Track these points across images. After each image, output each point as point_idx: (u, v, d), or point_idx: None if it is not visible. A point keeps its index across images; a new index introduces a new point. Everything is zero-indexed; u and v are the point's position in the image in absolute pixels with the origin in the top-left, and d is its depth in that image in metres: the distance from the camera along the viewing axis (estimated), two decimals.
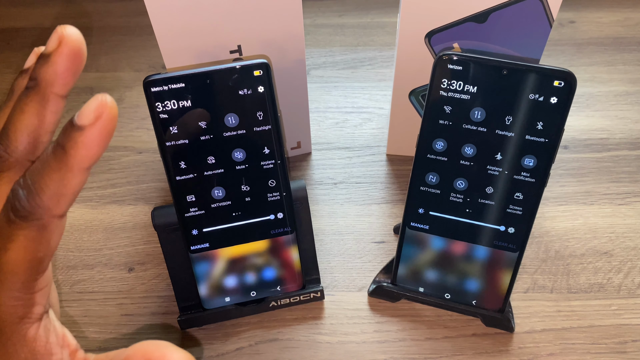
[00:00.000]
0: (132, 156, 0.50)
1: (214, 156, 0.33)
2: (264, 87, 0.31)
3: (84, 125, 0.18)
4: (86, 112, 0.18)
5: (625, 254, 0.41)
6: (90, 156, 0.18)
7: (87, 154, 0.18)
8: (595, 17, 0.64)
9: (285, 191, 0.35)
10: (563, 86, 0.30)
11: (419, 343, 0.37)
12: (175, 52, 0.38)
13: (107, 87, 0.58)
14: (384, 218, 0.45)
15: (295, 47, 0.41)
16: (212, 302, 0.37)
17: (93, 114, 0.18)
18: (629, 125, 0.52)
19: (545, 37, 0.38)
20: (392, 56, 0.60)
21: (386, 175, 0.48)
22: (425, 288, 0.38)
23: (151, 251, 0.43)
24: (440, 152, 0.34)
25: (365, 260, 0.42)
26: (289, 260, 0.37)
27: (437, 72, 0.32)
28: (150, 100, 0.31)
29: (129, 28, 0.65)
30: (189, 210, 0.34)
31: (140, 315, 0.39)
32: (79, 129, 0.18)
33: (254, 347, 0.37)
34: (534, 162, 0.32)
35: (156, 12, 0.36)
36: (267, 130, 0.33)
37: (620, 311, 0.38)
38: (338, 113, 0.54)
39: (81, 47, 0.18)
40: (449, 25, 0.38)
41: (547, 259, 0.41)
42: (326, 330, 0.38)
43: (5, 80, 0.59)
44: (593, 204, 0.45)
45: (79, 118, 0.18)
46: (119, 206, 0.46)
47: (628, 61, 0.58)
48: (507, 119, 0.32)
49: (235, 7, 0.37)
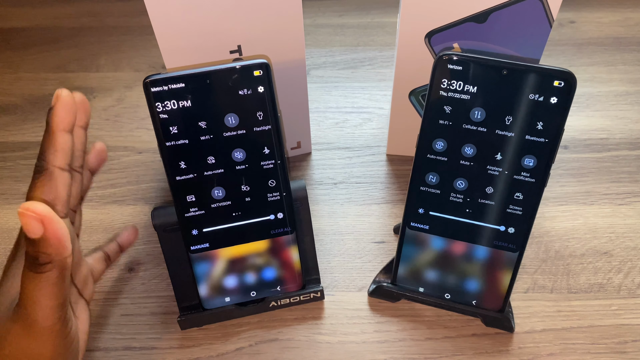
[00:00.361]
0: (132, 156, 0.50)
1: (214, 156, 0.33)
2: (264, 87, 0.31)
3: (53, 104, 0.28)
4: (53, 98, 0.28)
5: (625, 254, 0.41)
6: (61, 120, 0.28)
7: (58, 120, 0.28)
8: (595, 17, 0.64)
9: (285, 191, 0.35)
10: (563, 86, 0.30)
11: (419, 343, 0.37)
12: (175, 52, 0.38)
13: (107, 87, 0.58)
14: (384, 218, 0.45)
15: (295, 47, 0.41)
16: (212, 302, 0.37)
17: (55, 99, 0.28)
18: (629, 125, 0.52)
19: (545, 37, 0.38)
20: (392, 56, 0.60)
21: (386, 175, 0.48)
22: (425, 288, 0.38)
23: (151, 251, 0.43)
24: (440, 152, 0.34)
25: (365, 260, 0.42)
26: (289, 261, 0.37)
27: (437, 72, 0.32)
28: (150, 100, 0.31)
29: (129, 28, 0.65)
30: (189, 210, 0.34)
31: (140, 315, 0.39)
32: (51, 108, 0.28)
33: (254, 347, 0.37)
34: (534, 162, 0.32)
35: (156, 12, 0.36)
36: (267, 130, 0.33)
37: (620, 311, 0.38)
38: (338, 113, 0.54)
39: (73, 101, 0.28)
40: (449, 25, 0.38)
41: (547, 259, 0.41)
42: (326, 330, 0.38)
43: (5, 80, 0.59)
44: (593, 204, 0.45)
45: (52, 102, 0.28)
46: (119, 206, 0.46)
47: (628, 61, 0.58)
48: (507, 119, 0.32)
49: (235, 7, 0.37)
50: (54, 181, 0.28)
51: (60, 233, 0.25)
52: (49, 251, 0.25)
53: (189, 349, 0.37)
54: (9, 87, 0.58)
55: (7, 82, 0.59)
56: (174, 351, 0.37)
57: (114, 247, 0.38)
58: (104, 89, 0.58)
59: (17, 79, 0.59)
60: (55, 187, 0.28)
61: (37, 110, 0.55)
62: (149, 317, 0.39)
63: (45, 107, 0.56)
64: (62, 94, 0.28)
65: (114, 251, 0.38)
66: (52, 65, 0.61)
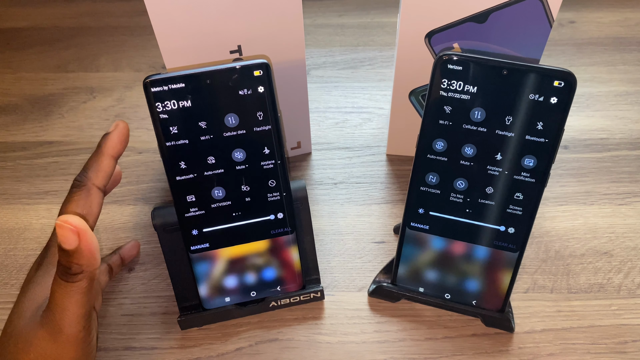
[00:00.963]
0: (132, 156, 0.50)
1: (214, 156, 0.33)
2: (264, 87, 0.31)
3: (110, 131, 0.32)
4: (112, 126, 0.32)
5: (625, 254, 0.41)
6: (113, 146, 0.31)
7: (111, 145, 0.31)
8: (595, 17, 0.64)
9: (285, 191, 0.35)
10: (563, 86, 0.30)
11: (419, 343, 0.37)
12: (175, 52, 0.38)
13: (107, 87, 0.58)
14: (384, 218, 0.45)
15: (295, 47, 0.41)
16: (212, 302, 0.37)
17: (113, 127, 0.32)
18: (629, 125, 0.52)
19: (545, 37, 0.38)
20: (392, 56, 0.60)
21: (386, 175, 0.48)
22: (425, 288, 0.38)
23: (151, 251, 0.43)
24: (440, 152, 0.34)
25: (365, 260, 0.42)
26: (289, 261, 0.37)
27: (437, 72, 0.32)
28: (150, 100, 0.31)
29: (129, 28, 0.65)
30: (189, 210, 0.34)
31: (140, 315, 0.39)
32: (107, 133, 0.31)
33: (254, 347, 0.37)
34: (534, 162, 0.32)
35: (156, 12, 0.36)
36: (267, 130, 0.33)
37: (620, 311, 0.38)
38: (338, 113, 0.54)
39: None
40: (449, 25, 0.38)
41: (547, 259, 0.41)
42: (326, 330, 0.38)
43: (5, 80, 0.59)
44: (593, 204, 0.45)
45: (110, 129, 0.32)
46: (119, 206, 0.46)
47: (628, 61, 0.58)
48: (507, 119, 0.32)
49: (235, 7, 0.37)
50: (90, 197, 0.30)
51: (93, 246, 0.27)
52: (82, 262, 0.27)
53: (189, 349, 0.37)
54: (9, 87, 0.58)
55: (7, 82, 0.59)
56: (174, 351, 0.37)
57: (116, 260, 0.40)
58: (104, 89, 0.58)
59: (17, 79, 0.59)
60: (90, 203, 0.30)
61: (37, 110, 0.55)
62: (149, 317, 0.39)
63: (45, 107, 0.56)
64: (121, 125, 0.32)
65: (117, 264, 0.40)
66: (52, 65, 0.61)
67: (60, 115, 0.55)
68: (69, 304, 0.28)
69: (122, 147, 0.31)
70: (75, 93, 0.57)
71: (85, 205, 0.30)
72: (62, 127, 0.54)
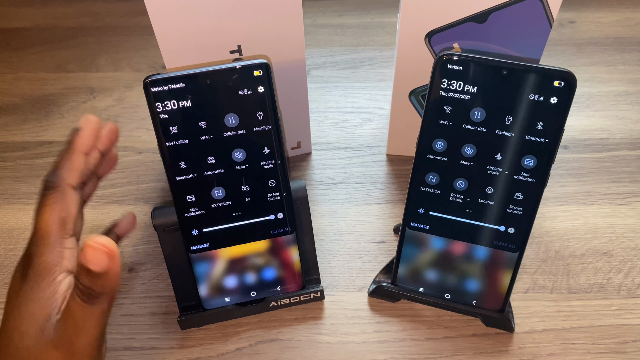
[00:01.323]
0: (132, 156, 0.50)
1: (214, 156, 0.33)
2: (264, 87, 0.31)
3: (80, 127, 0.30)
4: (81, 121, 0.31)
5: (625, 254, 0.41)
6: (84, 143, 0.30)
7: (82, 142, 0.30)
8: (595, 17, 0.64)
9: (285, 191, 0.35)
10: (563, 86, 0.30)
11: (419, 343, 0.37)
12: (175, 52, 0.38)
13: (107, 87, 0.58)
14: (384, 218, 0.45)
15: (295, 47, 0.41)
16: (212, 302, 0.37)
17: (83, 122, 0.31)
18: (629, 125, 0.52)
19: (545, 37, 0.38)
20: (392, 56, 0.60)
21: (386, 175, 0.48)
22: (425, 288, 0.38)
23: (151, 251, 0.43)
24: (440, 152, 0.34)
25: (365, 260, 0.42)
26: (289, 261, 0.37)
27: (437, 72, 0.32)
28: (150, 100, 0.31)
29: (129, 28, 0.65)
30: (189, 210, 0.34)
31: (140, 315, 0.39)
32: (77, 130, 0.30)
33: (254, 347, 0.37)
34: (534, 162, 0.32)
35: (156, 12, 0.36)
36: (267, 130, 0.33)
37: (620, 311, 0.38)
38: (338, 113, 0.54)
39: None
40: (449, 25, 0.38)
41: (547, 259, 0.41)
42: (326, 330, 0.38)
43: (6, 80, 0.59)
44: (593, 204, 0.45)
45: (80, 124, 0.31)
46: (119, 206, 0.46)
47: (628, 61, 0.58)
48: (507, 119, 0.32)
49: (235, 7, 0.37)
50: (66, 199, 0.29)
51: (119, 269, 0.26)
52: (107, 284, 0.26)
53: (189, 349, 0.37)
54: (9, 87, 0.58)
55: (7, 82, 0.59)
56: (174, 351, 0.37)
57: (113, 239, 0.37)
58: (104, 89, 0.58)
59: (17, 79, 0.59)
60: (67, 205, 0.29)
61: (37, 110, 0.55)
62: (149, 317, 0.39)
63: (45, 107, 0.56)
64: (91, 119, 0.31)
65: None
66: (52, 65, 0.61)
67: (60, 115, 0.55)
68: (90, 326, 0.27)
69: (93, 141, 0.30)
70: (75, 93, 0.57)
71: (63, 208, 0.29)
72: (62, 127, 0.54)
